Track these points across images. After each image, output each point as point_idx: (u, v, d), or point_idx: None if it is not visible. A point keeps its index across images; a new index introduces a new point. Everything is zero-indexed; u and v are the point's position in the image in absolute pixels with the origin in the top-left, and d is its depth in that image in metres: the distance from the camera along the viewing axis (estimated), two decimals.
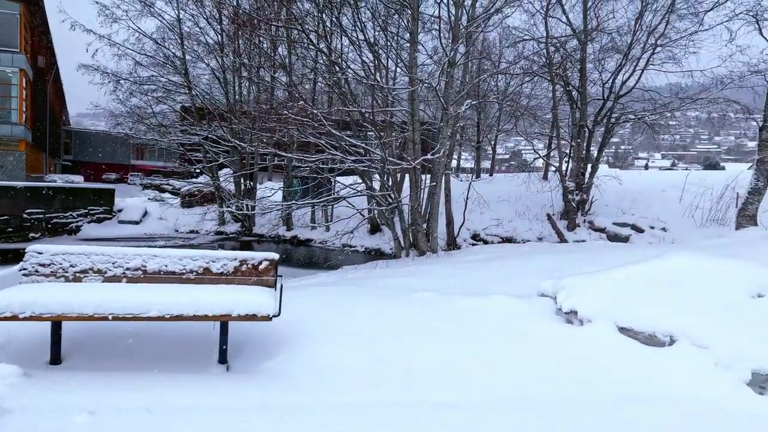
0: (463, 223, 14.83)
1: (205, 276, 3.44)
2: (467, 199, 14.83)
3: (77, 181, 28.11)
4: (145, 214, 19.21)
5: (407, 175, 12.66)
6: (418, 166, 10.82)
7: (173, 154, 25.68)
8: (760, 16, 11.07)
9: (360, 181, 12.83)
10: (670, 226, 13.63)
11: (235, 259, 3.50)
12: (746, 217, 10.22)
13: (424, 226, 12.15)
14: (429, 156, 10.48)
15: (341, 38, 13.23)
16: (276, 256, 3.61)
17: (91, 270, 3.27)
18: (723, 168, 38.07)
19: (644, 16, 14.09)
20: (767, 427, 2.92)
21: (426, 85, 11.60)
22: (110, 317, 2.90)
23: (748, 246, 6.48)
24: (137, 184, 33.62)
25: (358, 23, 11.46)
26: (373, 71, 11.58)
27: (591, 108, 15.91)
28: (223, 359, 3.26)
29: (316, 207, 17.05)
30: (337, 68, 11.50)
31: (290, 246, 17.41)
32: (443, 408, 3.00)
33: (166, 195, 20.77)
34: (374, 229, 16.55)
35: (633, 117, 15.59)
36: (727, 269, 4.21)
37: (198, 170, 20.59)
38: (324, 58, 12.31)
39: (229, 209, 15.85)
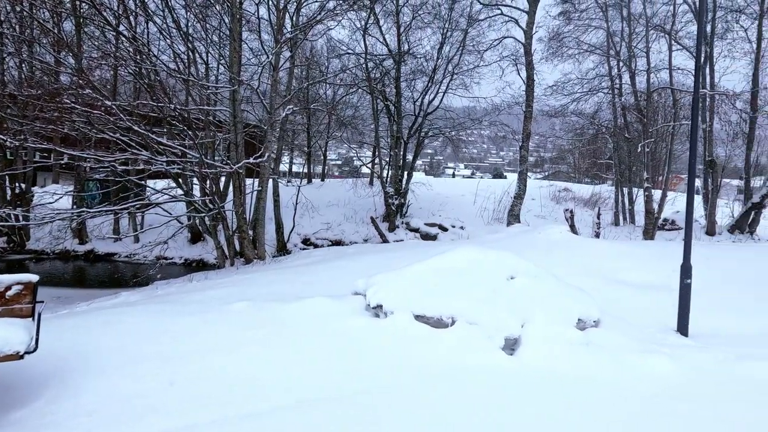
0: (293, 228, 14.79)
1: None
2: (297, 203, 14.85)
3: None
4: None
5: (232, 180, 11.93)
6: (241, 170, 10.31)
7: None
8: (518, 60, 14.35)
9: (175, 184, 11.50)
10: (467, 224, 16.35)
11: None
12: (513, 216, 13.12)
13: (251, 232, 11.65)
14: (252, 160, 10.10)
15: (147, 23, 11.64)
16: (34, 277, 2.92)
17: None
18: (505, 177, 47.66)
19: (444, 47, 16.62)
20: (512, 378, 3.74)
21: (248, 86, 11.16)
22: None
23: (511, 239, 8.25)
24: None
25: (168, 9, 10.28)
26: (187, 65, 10.54)
27: (406, 122, 17.88)
28: None
29: (120, 214, 14.52)
30: (142, 56, 10.07)
31: (84, 263, 14.41)
32: (249, 419, 2.91)
33: None
34: (196, 238, 15.05)
35: (439, 132, 18.17)
36: (493, 258, 5.26)
37: None
38: (126, 42, 10.63)
39: None
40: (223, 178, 13.89)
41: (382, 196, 16.77)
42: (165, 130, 11.72)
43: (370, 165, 19.40)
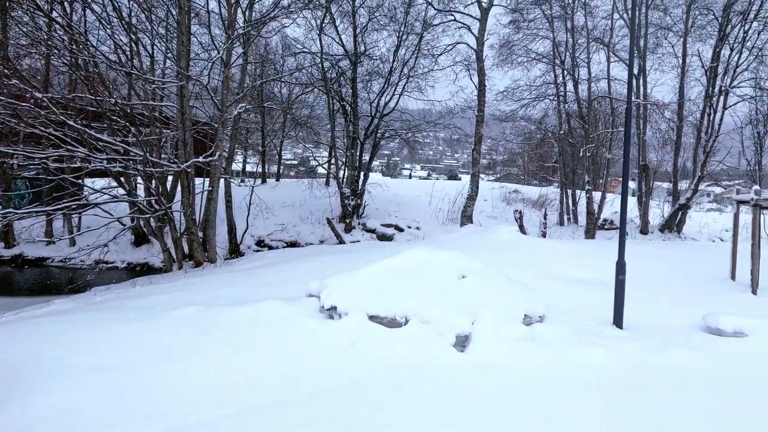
0: (247, 229, 14.37)
1: None
2: (250, 204, 14.44)
3: None
4: None
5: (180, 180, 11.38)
6: (190, 169, 9.88)
7: None
8: (471, 65, 14.80)
9: (116, 184, 10.80)
10: (423, 225, 16.64)
11: None
12: (466, 217, 13.53)
13: (201, 234, 11.19)
14: (202, 158, 9.71)
15: (84, 11, 10.87)
16: None
17: None
18: (460, 179, 48.96)
19: (400, 50, 16.81)
20: (463, 373, 3.86)
21: (198, 81, 10.71)
22: None
23: (464, 239, 8.49)
24: None
25: None
26: (130, 57, 9.95)
27: (363, 123, 17.90)
28: None
29: (53, 215, 13.41)
30: (78, 46, 9.39)
31: (11, 268, 13.20)
32: (195, 428, 2.80)
33: None
34: (140, 241, 14.22)
35: (395, 133, 18.35)
36: (445, 259, 5.39)
37: None
38: (60, 30, 9.86)
39: None
40: (170, 178, 13.25)
41: (339, 196, 16.69)
42: (105, 125, 11.01)
43: (326, 165, 19.22)
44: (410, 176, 63.25)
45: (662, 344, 4.71)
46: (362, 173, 17.48)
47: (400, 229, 16.03)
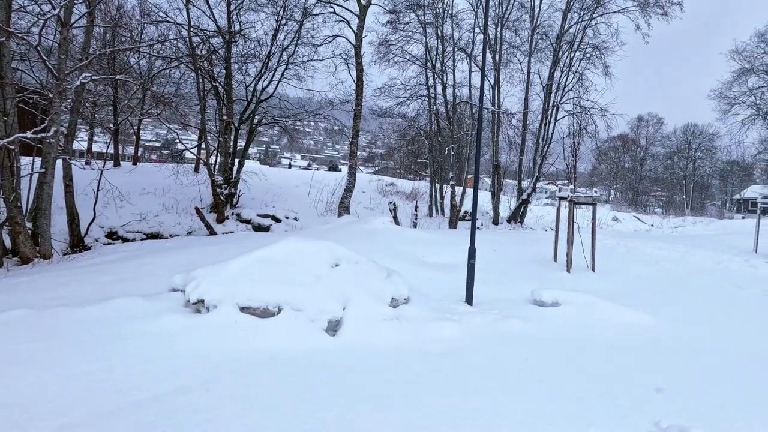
0: (94, 219, 12.44)
1: None
2: (99, 190, 12.51)
3: None
4: None
5: None
6: (13, 146, 8.15)
7: None
8: (350, 60, 15.12)
9: None
10: (301, 215, 16.49)
11: None
12: (344, 208, 13.88)
13: (30, 225, 9.34)
14: (30, 134, 8.08)
15: None
16: None
17: None
18: (340, 170, 49.62)
19: (279, 35, 16.24)
20: (333, 356, 4.08)
21: (23, 40, 8.84)
22: None
23: (340, 229, 8.75)
24: None
25: None
26: None
27: (238, 107, 16.85)
28: None
29: None
30: None
31: None
32: None
33: None
34: None
35: (273, 121, 17.73)
36: (318, 248, 5.53)
37: None
38: None
39: None
40: None
41: (210, 184, 15.48)
42: None
43: (195, 150, 17.58)
44: (290, 165, 61.76)
45: (500, 316, 5.62)
46: (237, 160, 16.52)
47: (278, 220, 15.64)
